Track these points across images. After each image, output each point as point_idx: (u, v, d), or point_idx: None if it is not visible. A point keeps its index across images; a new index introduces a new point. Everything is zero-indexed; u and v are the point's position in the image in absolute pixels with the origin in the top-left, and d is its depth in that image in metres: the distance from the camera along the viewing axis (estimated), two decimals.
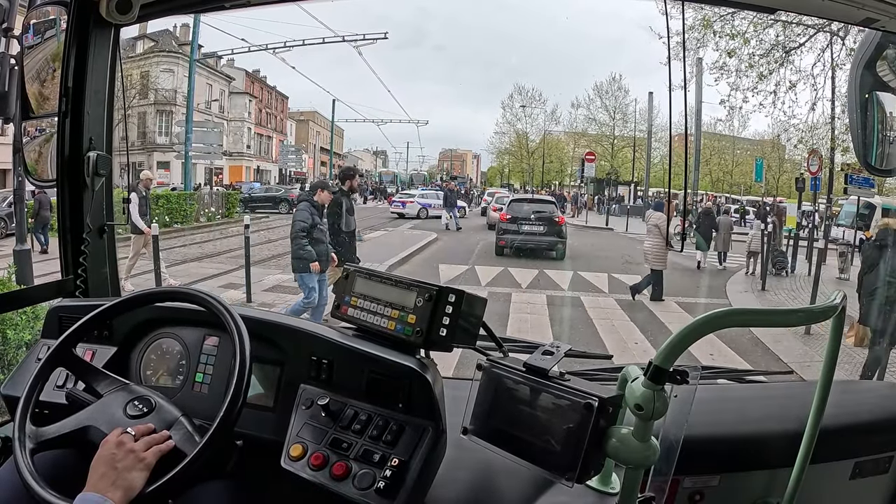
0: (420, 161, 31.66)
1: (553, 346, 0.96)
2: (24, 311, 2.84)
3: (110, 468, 0.87)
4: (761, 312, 0.88)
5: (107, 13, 1.39)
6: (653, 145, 23.77)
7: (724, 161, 23.50)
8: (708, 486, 1.12)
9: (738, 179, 23.50)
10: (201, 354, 1.16)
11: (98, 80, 1.46)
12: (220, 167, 18.30)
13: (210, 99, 22.63)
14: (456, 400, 1.00)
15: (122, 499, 0.85)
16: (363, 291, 1.11)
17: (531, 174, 26.75)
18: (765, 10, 1.51)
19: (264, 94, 26.00)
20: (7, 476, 0.99)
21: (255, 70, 25.29)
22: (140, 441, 0.92)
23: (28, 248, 5.01)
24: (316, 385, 1.06)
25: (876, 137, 1.49)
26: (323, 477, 0.95)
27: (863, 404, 1.29)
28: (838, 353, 1.02)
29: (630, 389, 0.81)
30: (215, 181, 19.03)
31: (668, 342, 0.78)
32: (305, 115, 28.58)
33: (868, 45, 1.44)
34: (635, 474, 0.84)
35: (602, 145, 24.73)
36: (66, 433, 0.98)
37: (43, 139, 1.56)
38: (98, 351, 1.19)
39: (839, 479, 1.20)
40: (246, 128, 24.68)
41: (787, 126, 12.77)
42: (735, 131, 22.39)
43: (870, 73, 1.47)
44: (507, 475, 1.02)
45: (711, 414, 1.16)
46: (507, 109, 26.88)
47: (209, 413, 0.97)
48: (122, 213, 1.59)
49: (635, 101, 24.61)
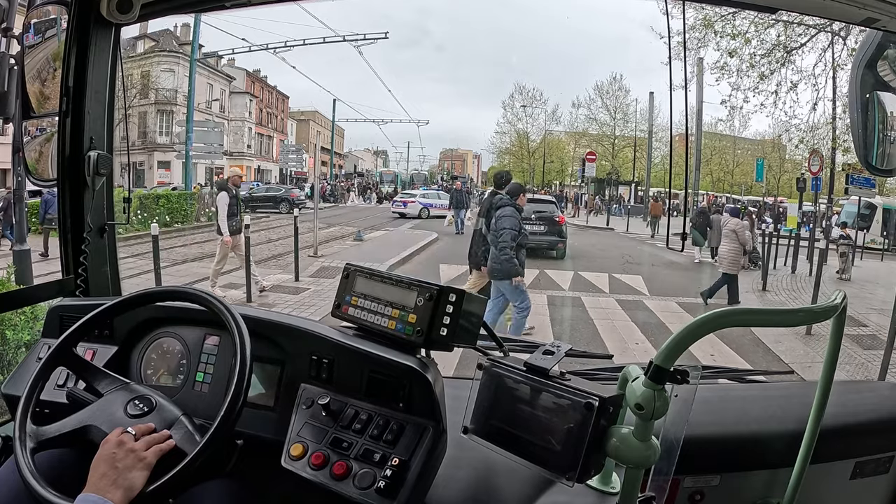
0: (421, 161, 31.73)
1: (553, 345, 0.96)
2: (23, 311, 2.84)
3: (110, 468, 0.87)
4: (761, 312, 0.89)
5: (107, 12, 1.39)
6: (653, 145, 23.81)
7: (725, 161, 23.51)
8: (708, 486, 1.12)
9: (739, 179, 23.49)
10: (202, 354, 1.17)
11: (99, 79, 1.46)
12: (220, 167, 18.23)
13: (211, 98, 22.58)
14: (456, 399, 1.00)
15: (123, 498, 0.85)
16: (364, 291, 1.11)
17: (532, 174, 26.73)
18: (766, 9, 1.51)
19: (265, 94, 25.97)
20: (8, 475, 0.99)
21: (256, 70, 25.33)
22: (140, 440, 0.93)
23: (27, 249, 5.00)
24: (316, 384, 1.06)
25: (877, 137, 1.49)
26: (323, 476, 0.95)
27: (863, 404, 1.29)
28: (839, 353, 1.02)
29: (631, 389, 0.81)
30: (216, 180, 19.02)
31: (669, 342, 0.78)
32: (306, 114, 28.59)
33: (869, 44, 1.44)
34: (636, 474, 0.84)
35: (603, 145, 24.70)
36: (67, 432, 0.99)
37: (43, 138, 1.56)
38: (99, 350, 1.19)
39: (839, 479, 1.20)
40: (247, 127, 24.64)
41: (788, 126, 12.80)
42: (736, 131, 22.42)
43: (871, 73, 1.46)
44: (508, 474, 1.02)
45: (712, 414, 1.16)
46: (508, 109, 26.93)
47: (210, 412, 0.97)
48: (122, 212, 1.59)
49: (636, 100, 24.64)
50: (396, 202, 19.94)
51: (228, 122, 23.30)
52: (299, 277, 7.99)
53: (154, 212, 12.26)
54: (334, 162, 29.16)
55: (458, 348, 1.05)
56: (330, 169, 27.96)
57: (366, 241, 12.28)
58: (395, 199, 20.49)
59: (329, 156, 28.48)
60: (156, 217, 11.79)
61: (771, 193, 21.53)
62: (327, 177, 26.99)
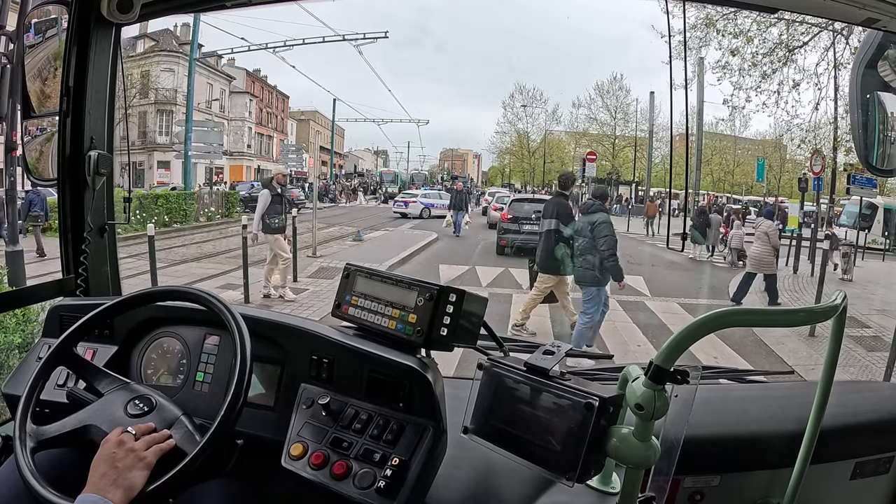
0: (421, 161, 31.61)
1: (554, 345, 0.96)
2: (14, 313, 2.81)
3: (111, 467, 0.87)
4: (762, 312, 0.89)
5: (108, 12, 1.39)
6: (654, 145, 23.72)
7: (726, 161, 23.43)
8: (708, 486, 1.12)
9: (740, 179, 23.41)
10: (202, 353, 1.17)
11: (99, 79, 1.46)
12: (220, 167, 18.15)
13: (210, 98, 22.53)
14: (457, 399, 1.00)
15: (123, 498, 0.85)
16: (364, 291, 1.11)
17: (532, 174, 26.72)
18: (766, 9, 1.51)
19: (265, 94, 25.93)
20: (8, 475, 1.00)
21: (256, 69, 25.29)
22: (140, 440, 0.92)
23: (20, 250, 4.94)
24: (316, 384, 1.06)
25: (878, 137, 1.49)
26: (323, 476, 0.95)
27: (863, 404, 1.29)
28: (839, 354, 1.02)
29: (631, 389, 0.80)
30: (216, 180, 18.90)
31: (669, 342, 0.78)
32: (306, 114, 28.54)
33: (870, 45, 1.44)
34: (636, 474, 0.84)
35: (603, 145, 24.62)
36: (67, 432, 0.99)
37: (44, 138, 1.56)
38: (99, 350, 1.19)
39: (840, 479, 1.20)
40: (247, 127, 24.59)
41: (789, 126, 12.78)
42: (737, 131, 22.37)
43: (871, 74, 1.47)
44: (508, 475, 1.02)
45: (712, 414, 1.16)
46: (508, 109, 26.91)
47: (210, 412, 0.97)
48: (122, 212, 1.58)
49: (637, 100, 24.58)
50: (398, 202, 19.88)
51: (228, 122, 23.25)
52: (298, 278, 7.98)
53: (153, 212, 12.26)
54: (335, 162, 29.07)
55: (459, 348, 1.06)
56: (330, 169, 27.88)
57: (365, 242, 12.18)
58: (397, 200, 20.42)
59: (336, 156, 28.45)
60: (154, 217, 11.79)
61: (771, 193, 21.45)
62: (328, 176, 26.89)
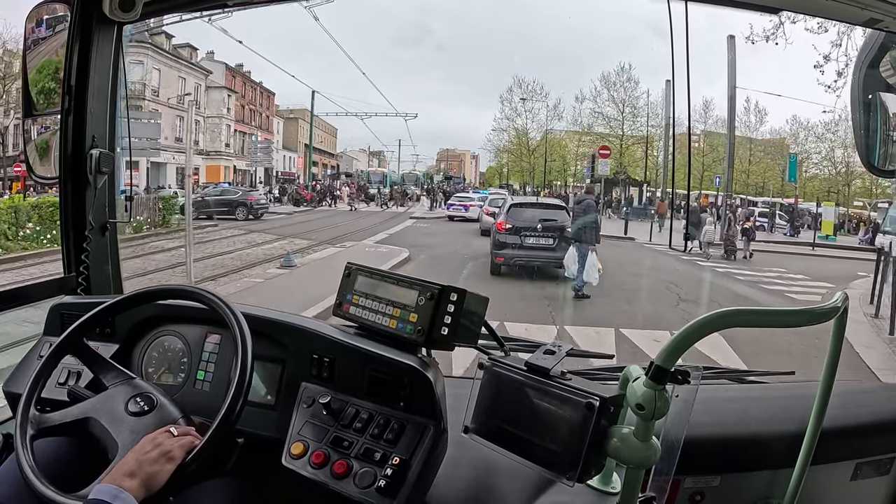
0: (414, 160, 29.11)
1: (555, 345, 0.96)
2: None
3: (134, 460, 0.89)
4: (763, 313, 0.88)
5: (110, 11, 1.39)
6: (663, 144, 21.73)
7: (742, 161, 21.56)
8: (709, 487, 1.12)
9: (753, 180, 21.76)
10: (203, 352, 1.17)
11: (101, 77, 1.46)
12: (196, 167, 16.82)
13: (182, 93, 20.84)
14: (457, 398, 1.00)
15: (141, 489, 0.86)
16: (365, 290, 1.11)
17: (532, 174, 25.00)
18: (768, 10, 1.51)
19: (247, 90, 24.29)
20: (10, 472, 1.00)
21: (238, 64, 23.62)
22: (171, 438, 0.93)
23: None
24: (317, 383, 1.07)
25: (879, 138, 1.49)
26: (324, 475, 0.95)
27: (864, 406, 1.29)
28: (840, 355, 1.02)
29: (631, 389, 0.81)
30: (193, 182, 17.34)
31: (670, 342, 0.78)
32: (295, 112, 26.96)
33: (872, 45, 1.44)
34: (636, 474, 0.84)
35: (609, 142, 22.21)
36: (69, 422, 1.00)
37: (45, 136, 1.56)
38: (100, 348, 1.19)
39: (840, 480, 1.20)
40: (224, 125, 22.87)
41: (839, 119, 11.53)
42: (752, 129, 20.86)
43: (873, 74, 1.46)
44: (508, 474, 1.02)
45: (713, 414, 1.16)
46: (506, 104, 24.72)
47: (210, 411, 0.97)
48: (124, 210, 1.57)
49: (647, 92, 22.19)
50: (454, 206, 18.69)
51: (204, 119, 21.96)
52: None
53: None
54: (326, 163, 27.90)
55: (460, 348, 1.06)
56: (308, 166, 25.88)
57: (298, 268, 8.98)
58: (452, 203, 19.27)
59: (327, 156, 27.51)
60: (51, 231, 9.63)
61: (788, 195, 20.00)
62: (318, 175, 25.56)
